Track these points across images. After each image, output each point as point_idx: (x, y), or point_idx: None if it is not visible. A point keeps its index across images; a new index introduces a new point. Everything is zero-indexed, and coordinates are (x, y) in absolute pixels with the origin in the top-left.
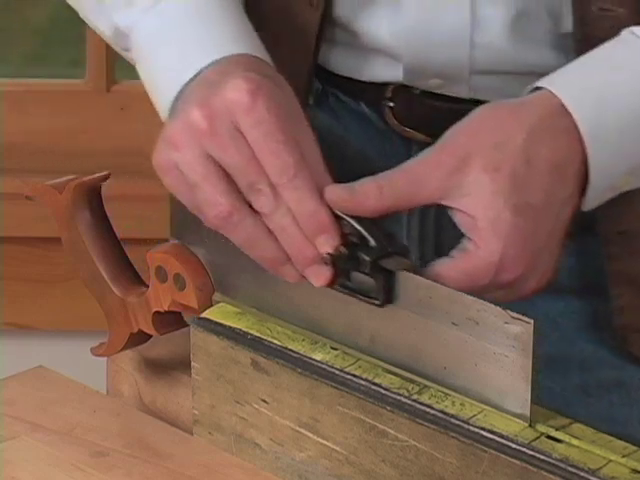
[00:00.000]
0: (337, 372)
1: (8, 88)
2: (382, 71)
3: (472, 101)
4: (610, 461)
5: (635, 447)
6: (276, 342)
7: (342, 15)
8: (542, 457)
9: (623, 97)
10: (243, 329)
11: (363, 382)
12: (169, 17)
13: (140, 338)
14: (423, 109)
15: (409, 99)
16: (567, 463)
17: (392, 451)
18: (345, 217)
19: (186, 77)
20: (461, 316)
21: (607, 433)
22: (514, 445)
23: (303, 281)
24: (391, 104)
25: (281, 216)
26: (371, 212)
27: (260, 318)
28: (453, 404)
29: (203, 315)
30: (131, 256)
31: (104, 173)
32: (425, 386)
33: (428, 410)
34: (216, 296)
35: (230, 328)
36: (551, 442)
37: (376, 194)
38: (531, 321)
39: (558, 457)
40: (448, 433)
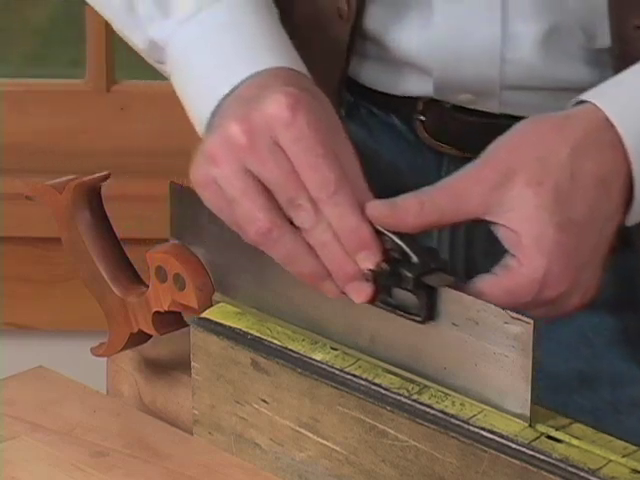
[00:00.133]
0: (337, 372)
1: (8, 88)
2: (413, 85)
3: (504, 116)
4: (610, 461)
5: (635, 447)
6: (276, 342)
7: (372, 28)
8: (542, 457)
9: None
10: (243, 329)
11: (363, 382)
12: (205, 29)
13: (140, 338)
14: (454, 123)
15: (440, 113)
16: (567, 463)
17: (392, 451)
18: (386, 233)
19: (223, 91)
20: (461, 316)
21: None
22: (514, 445)
23: (343, 297)
24: (422, 118)
25: (322, 232)
26: (412, 228)
27: (260, 318)
28: (453, 404)
29: (203, 315)
30: (131, 256)
31: (104, 173)
32: (425, 386)
33: (428, 410)
34: (216, 296)
35: (230, 328)
36: (551, 442)
37: (417, 210)
38: (531, 321)
39: (558, 457)
40: (448, 433)
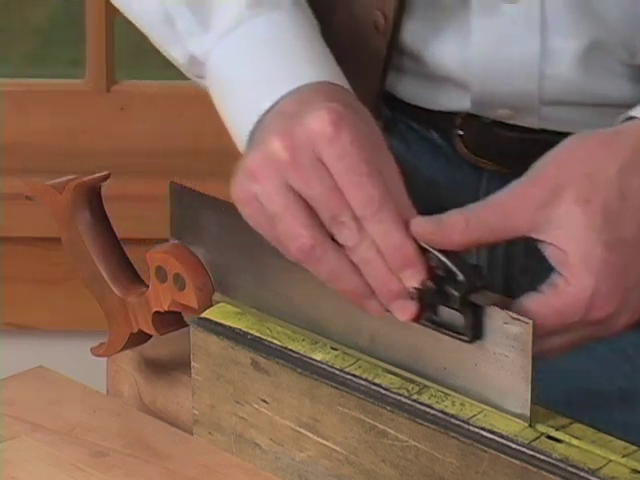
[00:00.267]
0: (337, 372)
1: (8, 88)
2: (451, 100)
3: (543, 131)
4: (610, 461)
5: (635, 447)
6: (276, 342)
7: (410, 43)
8: (542, 457)
9: None
10: (243, 329)
11: (363, 382)
12: (246, 44)
13: (140, 338)
14: (493, 138)
15: (479, 128)
16: (567, 463)
17: (392, 451)
18: (431, 250)
19: (264, 106)
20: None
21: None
22: (514, 445)
23: (387, 315)
24: (461, 133)
25: (365, 249)
26: (457, 245)
27: (260, 318)
28: (453, 404)
29: (203, 315)
30: (131, 256)
31: (104, 173)
32: (425, 386)
33: (428, 410)
34: (216, 296)
35: (230, 328)
36: (551, 442)
37: (463, 227)
38: (530, 321)
39: (558, 457)
40: (448, 433)
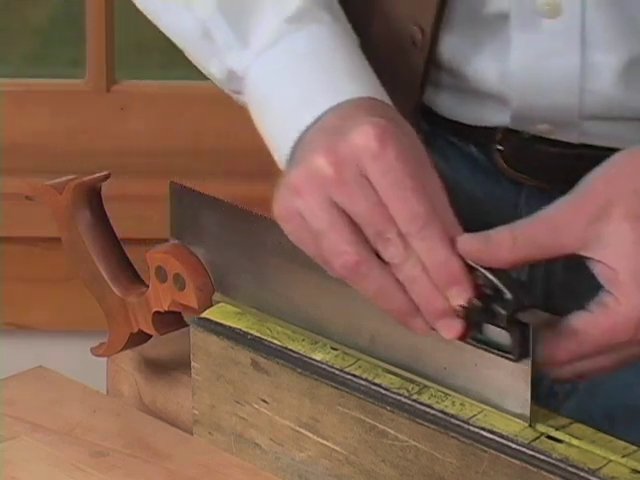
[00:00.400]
0: (337, 372)
1: (8, 88)
2: (490, 115)
3: (583, 146)
4: (610, 461)
5: (635, 447)
6: (276, 342)
7: (448, 58)
8: (542, 457)
9: None
10: (243, 329)
11: (363, 382)
12: (286, 59)
13: (140, 338)
14: (533, 153)
15: (519, 143)
16: (567, 463)
17: (392, 451)
18: (478, 268)
19: (305, 122)
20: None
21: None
22: (514, 445)
23: (433, 333)
24: (501, 148)
25: (411, 267)
26: (505, 263)
27: (260, 318)
28: (453, 404)
29: (203, 315)
30: (131, 256)
31: (104, 173)
32: (425, 386)
33: (428, 410)
34: (216, 296)
35: (230, 328)
36: (551, 442)
37: (510, 244)
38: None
39: (558, 457)
40: (448, 433)
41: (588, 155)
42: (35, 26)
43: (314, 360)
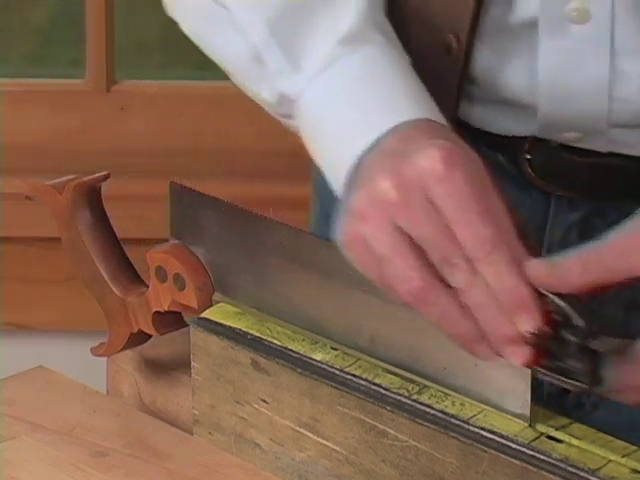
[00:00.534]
0: (337, 372)
1: (8, 88)
2: (518, 125)
3: (611, 155)
4: (610, 461)
5: (635, 447)
6: (276, 342)
7: (479, 69)
8: (542, 457)
9: None
10: (243, 329)
11: (363, 382)
12: (340, 82)
13: (140, 338)
14: (561, 162)
15: (547, 152)
16: (567, 463)
17: (392, 451)
18: (547, 293)
19: (363, 146)
20: None
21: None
22: (514, 445)
23: (499, 359)
24: (529, 157)
25: (479, 292)
26: (575, 288)
27: (260, 318)
28: (453, 404)
29: (203, 315)
30: (131, 256)
31: (104, 173)
32: (425, 386)
33: (428, 410)
34: (216, 296)
35: (230, 328)
36: (551, 442)
37: (580, 269)
38: None
39: (558, 457)
40: (448, 433)
41: (616, 164)
42: (35, 26)
43: (314, 360)
